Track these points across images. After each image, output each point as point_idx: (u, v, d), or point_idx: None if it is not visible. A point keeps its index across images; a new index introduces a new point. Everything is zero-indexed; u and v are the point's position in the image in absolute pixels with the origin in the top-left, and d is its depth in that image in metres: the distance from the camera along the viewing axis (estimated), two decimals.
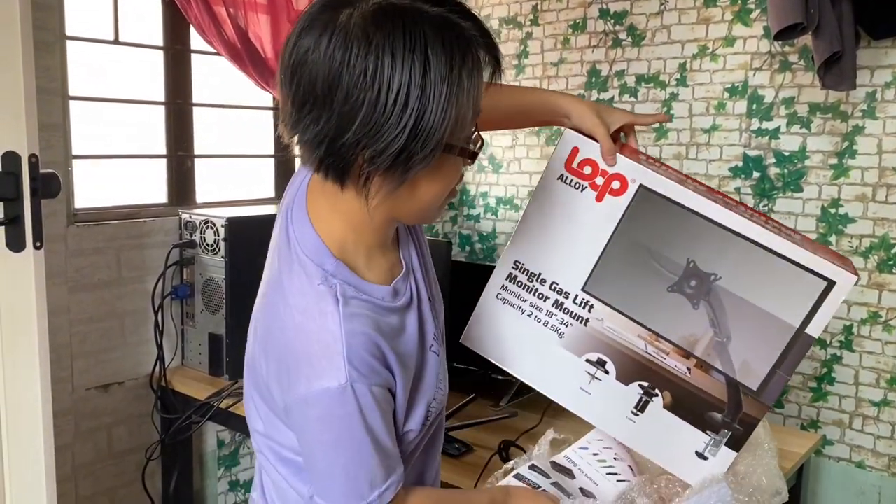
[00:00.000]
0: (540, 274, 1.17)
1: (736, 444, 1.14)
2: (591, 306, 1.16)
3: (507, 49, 3.27)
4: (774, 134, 2.57)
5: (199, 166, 2.54)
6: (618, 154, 1.11)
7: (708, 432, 1.14)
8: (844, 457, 2.51)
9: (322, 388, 0.82)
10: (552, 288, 1.17)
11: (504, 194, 3.36)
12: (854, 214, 2.43)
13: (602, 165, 1.11)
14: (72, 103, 2.17)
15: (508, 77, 3.27)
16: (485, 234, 3.38)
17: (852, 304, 2.45)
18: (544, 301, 1.17)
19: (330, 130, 0.77)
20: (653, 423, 1.16)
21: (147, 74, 2.42)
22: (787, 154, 2.55)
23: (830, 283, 1.05)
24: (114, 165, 2.42)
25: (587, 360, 1.17)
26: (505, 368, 1.21)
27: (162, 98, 2.44)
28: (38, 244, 1.57)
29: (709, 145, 2.72)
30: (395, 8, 0.76)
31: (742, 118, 2.64)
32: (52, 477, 1.57)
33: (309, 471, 0.89)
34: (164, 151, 2.46)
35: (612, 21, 2.92)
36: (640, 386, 1.15)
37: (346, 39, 0.74)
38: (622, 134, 1.17)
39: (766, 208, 2.60)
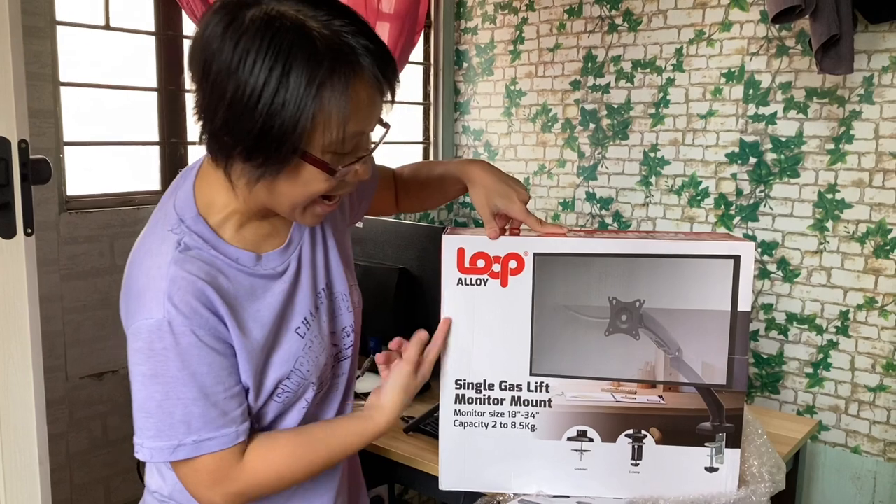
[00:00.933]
0: (485, 380, 1.15)
1: (735, 441, 1.15)
2: (547, 385, 1.15)
3: (502, 35, 3.24)
4: (771, 119, 2.56)
5: (193, 154, 2.52)
6: (502, 237, 1.11)
7: (706, 444, 1.16)
8: (840, 442, 2.51)
9: (142, 321, 0.87)
10: (502, 387, 1.15)
11: None
12: (851, 200, 2.43)
13: (492, 252, 1.11)
14: (63, 89, 2.15)
15: (503, 62, 3.25)
16: (480, 221, 3.36)
17: (848, 290, 2.45)
18: (501, 404, 1.15)
19: (204, 109, 0.84)
20: (656, 464, 1.16)
21: (139, 60, 2.39)
22: (783, 139, 2.54)
23: (736, 258, 1.10)
24: (106, 153, 2.40)
25: (568, 439, 1.16)
26: (500, 491, 1.19)
27: (154, 84, 2.42)
28: (29, 231, 1.55)
29: (705, 131, 2.71)
30: (280, 18, 0.80)
31: (739, 103, 2.62)
32: (46, 465, 1.56)
33: (133, 407, 0.92)
34: (156, 139, 2.44)
35: (608, 6, 2.90)
36: (627, 435, 1.16)
37: (230, 32, 0.80)
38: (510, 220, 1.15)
39: (763, 194, 2.59)
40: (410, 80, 3.40)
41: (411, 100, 3.44)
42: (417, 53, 3.35)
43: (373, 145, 0.91)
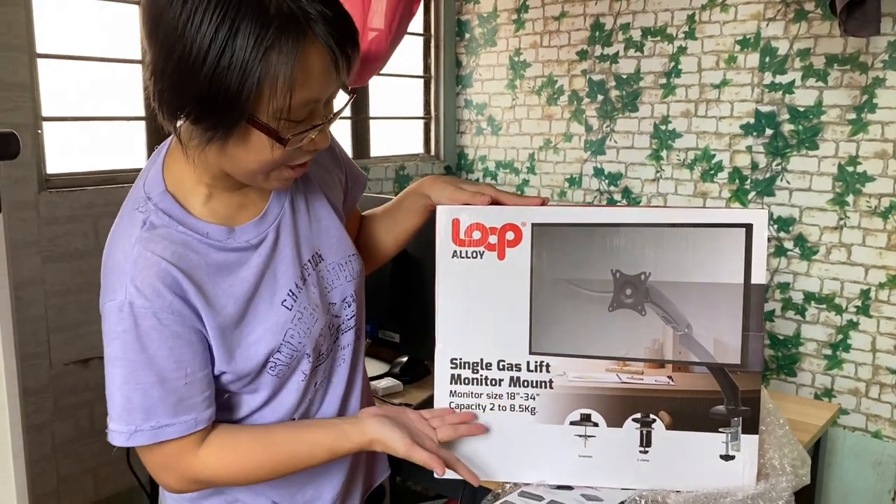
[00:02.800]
0: (482, 359, 1.09)
1: (752, 426, 1.08)
2: (548, 365, 1.09)
3: (505, 3, 3.13)
4: (788, 88, 2.45)
5: None
6: (498, 206, 1.08)
7: (721, 430, 1.08)
8: (860, 426, 2.42)
9: (108, 303, 0.88)
10: (500, 367, 1.09)
11: (504, 157, 3.24)
12: (873, 172, 2.32)
13: (488, 224, 1.07)
14: (40, 62, 2.05)
15: (507, 32, 3.14)
16: None
17: (870, 268, 2.35)
18: (499, 385, 1.09)
19: (154, 68, 0.82)
20: (666, 452, 1.09)
21: (122, 31, 2.28)
22: (801, 109, 2.43)
23: (748, 227, 1.04)
24: (88, 128, 2.30)
25: (571, 423, 1.09)
26: (498, 480, 1.13)
27: (138, 56, 2.31)
28: None
29: (719, 101, 2.60)
30: None
31: (754, 72, 2.51)
32: (21, 458, 1.48)
33: None
34: (142, 113, 2.34)
35: None
36: (635, 420, 1.09)
37: None
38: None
39: (780, 167, 2.48)
40: (410, 53, 3.29)
41: (411, 73, 3.32)
42: (417, 24, 3.23)
43: (332, 114, 0.89)
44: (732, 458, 1.08)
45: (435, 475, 0.96)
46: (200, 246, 0.91)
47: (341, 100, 0.89)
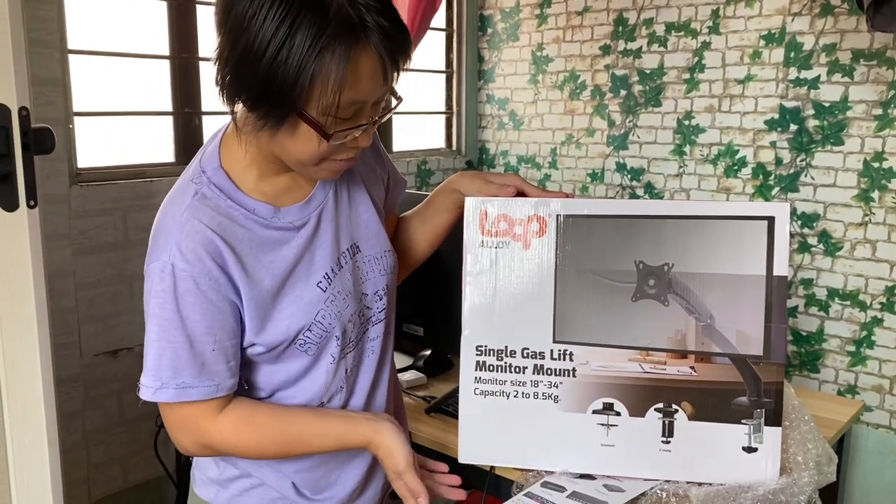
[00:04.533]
0: (507, 347, 1.11)
1: (775, 418, 1.07)
2: (571, 354, 1.10)
3: None
4: (814, 83, 2.43)
5: (207, 124, 2.44)
6: (524, 198, 1.11)
7: (743, 421, 1.08)
8: (884, 423, 2.41)
9: (153, 264, 0.93)
10: (525, 354, 1.11)
11: (526, 152, 3.24)
12: None
13: (515, 215, 1.09)
14: (72, 57, 2.08)
15: (530, 27, 3.14)
16: None
17: (895, 264, 2.32)
18: (523, 373, 1.11)
19: (220, 55, 0.88)
20: (688, 442, 1.09)
21: (151, 27, 2.31)
22: (827, 105, 2.41)
23: (770, 219, 1.05)
24: (118, 123, 2.33)
25: (594, 412, 1.10)
26: (521, 467, 1.14)
27: (167, 52, 2.34)
28: (32, 203, 1.48)
29: (743, 97, 2.58)
30: None
31: (779, 67, 2.49)
32: (56, 446, 1.51)
33: None
34: (170, 108, 2.37)
35: None
36: (657, 410, 1.09)
37: None
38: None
39: (804, 163, 2.47)
40: (432, 48, 3.30)
41: (433, 68, 3.33)
42: (439, 19, 3.24)
43: (378, 116, 0.93)
44: (755, 450, 1.08)
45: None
46: (247, 221, 0.96)
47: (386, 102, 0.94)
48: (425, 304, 1.79)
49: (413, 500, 0.99)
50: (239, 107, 0.91)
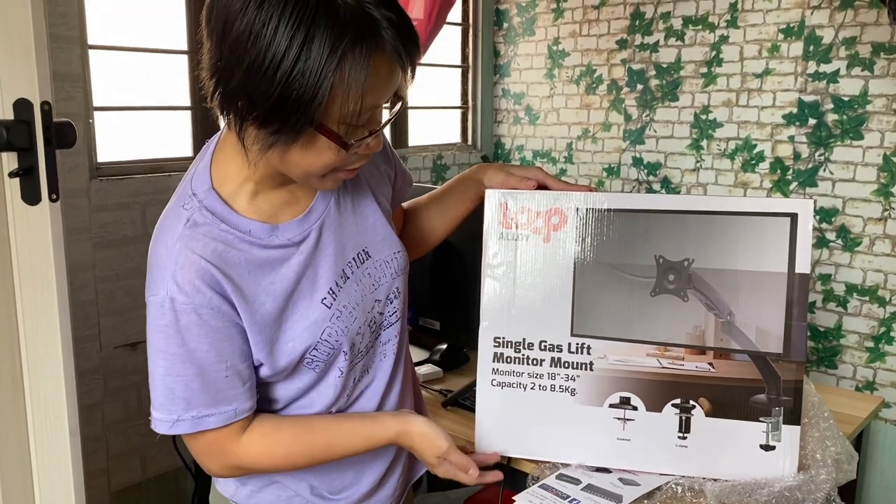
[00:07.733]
0: (524, 339, 1.12)
1: (794, 416, 1.07)
2: (589, 347, 1.11)
3: None
4: (833, 77, 2.41)
5: None
6: (544, 191, 1.10)
7: (761, 419, 1.08)
8: None
9: (151, 297, 0.90)
10: (542, 347, 1.11)
11: (541, 147, 3.24)
12: None
13: (535, 208, 1.09)
14: (92, 53, 2.10)
15: (545, 21, 3.13)
16: None
17: None
18: (541, 365, 1.11)
19: (221, 70, 0.81)
20: (705, 438, 1.09)
21: (170, 22, 2.33)
22: (846, 99, 2.39)
23: (793, 216, 1.04)
24: (137, 118, 2.35)
25: (611, 406, 1.11)
26: (536, 459, 1.14)
27: (185, 47, 2.35)
28: (55, 196, 1.50)
29: (761, 91, 2.56)
30: None
31: (798, 61, 2.47)
32: (77, 436, 1.53)
33: None
34: (188, 103, 2.38)
35: None
36: (674, 405, 1.09)
37: None
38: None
39: (823, 157, 2.45)
40: (448, 42, 3.29)
41: (449, 62, 3.33)
42: (455, 14, 3.23)
43: (385, 119, 0.89)
44: (773, 448, 1.08)
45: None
46: (242, 244, 0.92)
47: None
48: (442, 299, 1.79)
49: (464, 473, 0.99)
50: (244, 122, 0.84)
